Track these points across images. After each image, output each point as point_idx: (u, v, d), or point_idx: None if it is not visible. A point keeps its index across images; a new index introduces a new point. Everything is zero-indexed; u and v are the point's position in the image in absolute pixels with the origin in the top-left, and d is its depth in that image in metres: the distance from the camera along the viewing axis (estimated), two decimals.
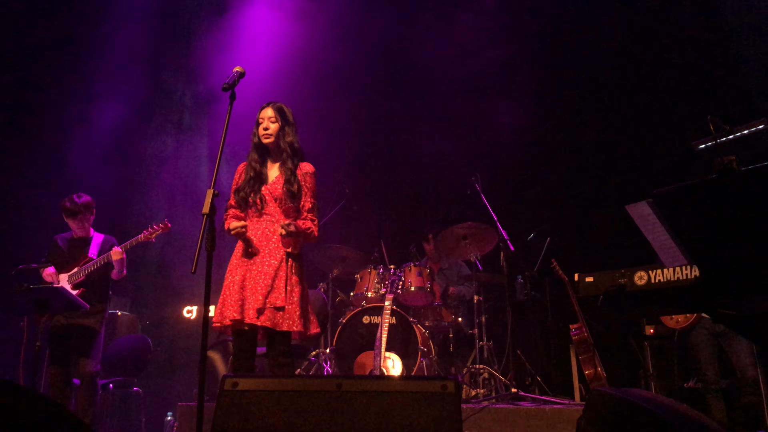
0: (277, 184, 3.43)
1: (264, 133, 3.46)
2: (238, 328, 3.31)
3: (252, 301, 3.23)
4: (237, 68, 3.11)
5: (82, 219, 4.77)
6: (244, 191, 3.43)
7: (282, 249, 3.35)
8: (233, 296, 3.26)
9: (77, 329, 4.60)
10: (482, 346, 5.51)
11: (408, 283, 5.56)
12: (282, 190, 3.39)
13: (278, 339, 3.27)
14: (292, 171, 3.44)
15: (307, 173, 3.50)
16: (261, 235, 3.38)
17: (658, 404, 2.13)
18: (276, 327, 3.21)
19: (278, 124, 3.47)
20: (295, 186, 3.41)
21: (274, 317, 3.22)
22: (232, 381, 1.79)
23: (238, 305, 3.23)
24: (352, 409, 1.73)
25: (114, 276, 4.74)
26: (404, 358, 5.06)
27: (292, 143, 3.48)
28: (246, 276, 3.30)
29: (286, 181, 3.41)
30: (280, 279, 3.29)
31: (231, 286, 3.31)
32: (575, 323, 5.40)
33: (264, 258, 3.33)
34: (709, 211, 1.97)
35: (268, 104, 3.52)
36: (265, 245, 3.35)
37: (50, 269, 4.69)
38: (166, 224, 4.72)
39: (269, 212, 3.41)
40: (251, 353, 3.37)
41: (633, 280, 2.48)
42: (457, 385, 1.76)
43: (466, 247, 5.82)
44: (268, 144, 3.48)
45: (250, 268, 3.32)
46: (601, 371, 5.10)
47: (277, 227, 3.35)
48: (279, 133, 3.47)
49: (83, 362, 4.56)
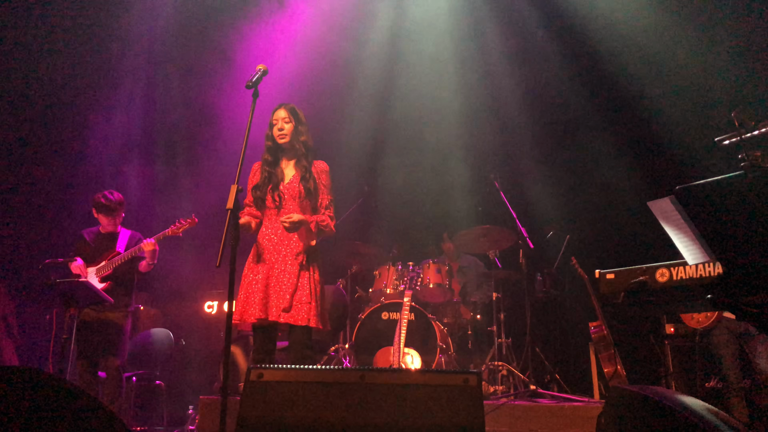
0: (294, 182, 3.52)
1: (279, 133, 3.54)
2: (261, 326, 3.38)
3: (276, 300, 3.31)
4: (260, 66, 3.15)
5: (114, 215, 4.87)
6: (261, 190, 3.51)
7: (302, 246, 3.42)
8: (257, 295, 3.32)
9: (104, 323, 4.69)
10: (501, 343, 5.51)
11: (427, 280, 5.59)
12: (299, 188, 3.48)
13: (300, 332, 3.34)
14: (307, 168, 3.54)
15: (322, 171, 3.60)
16: (280, 233, 3.44)
17: (679, 402, 2.12)
18: (300, 323, 3.29)
19: (292, 124, 3.57)
20: (312, 183, 3.50)
21: (300, 313, 3.29)
22: (257, 372, 1.83)
23: (263, 304, 3.30)
24: (375, 400, 1.76)
25: (142, 268, 4.82)
26: (423, 354, 5.08)
27: (305, 142, 3.58)
28: (269, 275, 3.36)
29: (302, 178, 3.51)
30: (304, 277, 3.37)
31: (253, 284, 3.36)
32: (594, 321, 5.38)
33: (286, 257, 3.39)
34: (733, 207, 1.96)
35: (280, 106, 3.62)
36: (286, 244, 3.42)
37: (78, 262, 4.79)
38: (193, 219, 4.78)
39: (287, 210, 3.47)
40: (272, 348, 3.44)
41: (654, 277, 2.48)
42: (479, 379, 1.77)
43: (485, 244, 5.83)
44: (283, 143, 3.56)
45: (273, 266, 3.38)
46: (621, 369, 5.08)
47: None
48: (293, 132, 3.56)
49: (110, 356, 4.65)
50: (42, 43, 6.87)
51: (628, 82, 6.73)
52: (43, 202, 6.90)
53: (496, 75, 7.16)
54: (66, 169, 7.06)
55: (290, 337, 3.38)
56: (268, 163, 3.57)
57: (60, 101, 7.08)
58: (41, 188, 6.93)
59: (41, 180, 6.94)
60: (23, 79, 6.85)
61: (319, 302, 3.39)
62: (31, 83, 6.91)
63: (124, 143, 7.28)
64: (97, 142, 7.15)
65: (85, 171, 6.96)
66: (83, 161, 7.05)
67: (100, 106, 7.24)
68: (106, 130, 7.22)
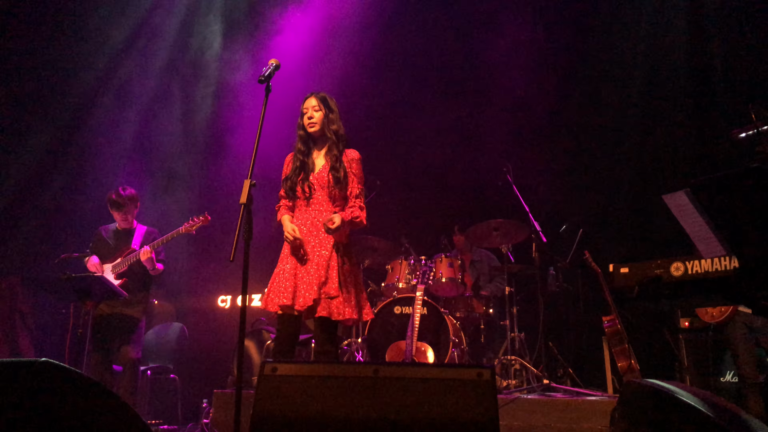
0: (323, 171, 3.47)
1: (309, 122, 3.50)
2: (284, 314, 3.35)
3: (304, 290, 3.27)
4: (272, 60, 3.13)
5: (126, 211, 4.90)
6: (292, 180, 3.47)
7: (332, 238, 3.38)
8: (285, 282, 3.31)
9: (120, 318, 4.74)
10: (514, 337, 5.50)
11: (439, 274, 5.58)
12: (328, 177, 3.43)
13: (325, 326, 3.30)
14: (338, 157, 3.48)
15: (353, 159, 3.54)
16: (310, 224, 3.42)
17: (693, 397, 2.11)
18: (330, 316, 3.25)
19: (322, 112, 3.51)
20: (342, 172, 3.44)
21: (329, 306, 3.26)
22: (271, 366, 1.84)
23: (290, 291, 3.27)
24: (389, 394, 1.76)
25: (150, 271, 4.85)
26: (436, 349, 5.09)
27: (336, 131, 3.53)
28: (297, 266, 3.34)
29: (331, 167, 3.45)
30: (333, 269, 3.32)
31: (282, 273, 3.35)
32: (608, 315, 5.35)
33: (315, 248, 3.36)
34: (749, 200, 1.94)
35: (311, 94, 3.57)
36: (315, 235, 3.39)
37: (94, 259, 4.83)
38: (206, 216, 4.80)
39: (317, 200, 3.44)
40: (294, 338, 3.39)
41: (669, 271, 2.46)
42: (492, 373, 1.77)
43: (497, 238, 5.82)
44: (314, 132, 3.52)
45: (302, 258, 3.36)
46: (635, 364, 5.05)
47: (326, 216, 3.37)
48: (324, 121, 3.51)
49: (125, 349, 4.70)
50: (63, 48, 6.96)
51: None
52: (59, 197, 6.97)
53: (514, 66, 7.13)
54: (82, 165, 7.12)
55: (314, 330, 3.36)
56: (301, 152, 3.53)
57: (78, 102, 7.15)
58: (58, 183, 6.99)
59: (58, 175, 7.01)
60: (36, 80, 6.94)
61: (353, 295, 3.35)
62: (45, 82, 6.98)
63: (138, 140, 7.33)
64: (111, 139, 7.22)
65: (101, 167, 7.01)
66: (98, 157, 7.11)
67: (115, 103, 7.30)
68: (121, 127, 7.28)
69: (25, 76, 6.86)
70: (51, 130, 6.99)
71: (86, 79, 7.13)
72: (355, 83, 7.19)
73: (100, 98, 7.24)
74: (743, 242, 2.07)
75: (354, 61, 7.32)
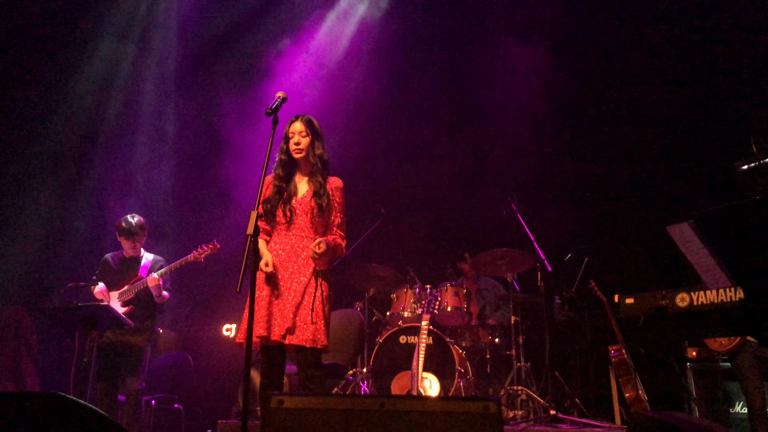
0: (307, 197, 3.41)
1: (295, 148, 3.42)
2: (265, 345, 3.27)
3: (280, 318, 3.21)
4: (279, 93, 3.18)
5: (135, 239, 4.94)
6: (272, 204, 3.39)
7: (311, 265, 3.31)
8: (260, 312, 3.22)
9: (125, 347, 4.74)
10: (520, 367, 5.47)
11: (444, 303, 5.57)
12: (311, 204, 3.37)
13: (308, 352, 3.22)
14: (322, 184, 3.42)
15: (337, 188, 3.49)
16: (289, 249, 3.35)
17: (703, 429, 2.09)
18: (305, 343, 3.17)
19: (309, 138, 3.43)
20: (325, 200, 3.38)
21: (304, 334, 3.18)
22: (277, 399, 1.84)
23: (265, 321, 3.20)
24: (395, 428, 1.76)
25: (156, 299, 4.86)
26: (441, 379, 5.05)
27: (321, 156, 3.46)
28: (274, 292, 3.27)
29: (314, 193, 3.39)
30: (309, 295, 3.26)
31: (258, 301, 3.24)
32: (614, 344, 5.31)
33: (293, 274, 3.30)
34: (753, 232, 1.95)
35: (296, 118, 3.48)
36: (294, 261, 3.32)
37: (101, 286, 4.85)
38: (215, 245, 4.82)
39: (298, 225, 3.38)
40: (280, 370, 3.33)
41: (675, 302, 2.46)
42: (499, 406, 1.77)
43: (503, 267, 5.82)
44: (299, 159, 3.45)
45: (278, 283, 3.28)
46: (642, 394, 5.00)
47: (306, 242, 3.33)
48: (309, 147, 3.44)
49: (129, 379, 4.69)
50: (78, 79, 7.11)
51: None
52: (66, 226, 7.01)
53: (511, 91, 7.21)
54: (90, 193, 7.18)
55: (297, 358, 3.27)
56: (280, 177, 3.45)
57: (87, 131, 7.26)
58: (65, 212, 7.05)
59: (66, 204, 7.07)
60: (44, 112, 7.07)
61: (324, 322, 3.26)
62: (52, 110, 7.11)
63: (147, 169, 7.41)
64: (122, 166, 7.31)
65: (109, 199, 7.08)
66: (106, 189, 7.18)
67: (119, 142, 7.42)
68: (128, 156, 7.37)
69: (37, 120, 7.01)
70: (59, 162, 7.09)
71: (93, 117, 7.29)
72: (361, 114, 7.27)
73: (107, 136, 7.36)
74: (748, 273, 2.08)
75: (361, 91, 7.41)
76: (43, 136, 7.03)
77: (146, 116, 7.56)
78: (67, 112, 7.15)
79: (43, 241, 6.86)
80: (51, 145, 7.06)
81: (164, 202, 7.32)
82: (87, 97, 7.24)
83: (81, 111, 7.22)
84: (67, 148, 7.14)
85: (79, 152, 7.23)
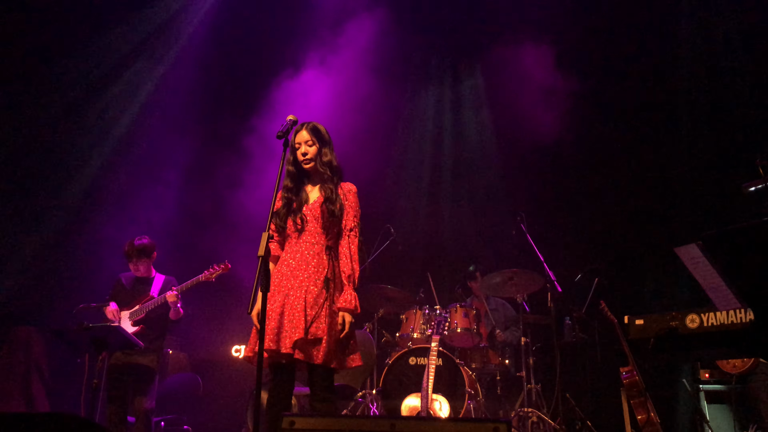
0: (317, 203, 3.29)
1: (304, 158, 3.32)
2: (275, 362, 3.14)
3: (290, 331, 3.02)
4: (290, 116, 3.20)
5: (142, 260, 4.98)
6: (281, 217, 3.27)
7: (322, 273, 3.18)
8: (270, 324, 3.03)
9: (134, 367, 4.77)
10: (530, 388, 5.43)
11: (454, 324, 5.56)
12: (321, 209, 3.25)
13: (320, 372, 3.10)
14: (333, 190, 3.30)
15: (350, 191, 3.37)
16: (300, 258, 3.21)
17: None
18: (312, 360, 3.03)
19: (316, 146, 3.32)
20: (338, 204, 3.27)
21: (316, 351, 3.04)
22: (289, 420, 1.85)
23: (274, 334, 3.02)
24: None
25: (172, 316, 4.90)
26: (451, 400, 5.02)
27: (330, 163, 3.34)
28: (285, 303, 3.09)
29: (326, 199, 3.27)
30: (323, 307, 3.11)
31: (268, 313, 3.04)
32: (626, 366, 5.27)
33: (302, 283, 3.14)
34: (760, 253, 1.96)
35: (301, 126, 3.35)
36: (304, 269, 3.18)
37: (113, 306, 4.90)
38: (227, 264, 4.86)
39: (309, 232, 3.25)
40: (289, 390, 3.19)
41: (685, 323, 2.46)
42: (509, 427, 1.77)
43: (513, 288, 5.81)
44: (308, 168, 3.34)
45: (289, 294, 3.12)
46: (654, 416, 4.95)
47: (317, 249, 3.21)
48: (317, 155, 3.32)
49: (139, 400, 4.70)
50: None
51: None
52: (76, 247, 7.08)
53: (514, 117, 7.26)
54: (100, 213, 7.26)
55: (309, 376, 3.13)
56: (289, 189, 3.34)
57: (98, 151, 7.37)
58: (75, 235, 7.12)
59: (76, 226, 7.14)
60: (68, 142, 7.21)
61: (335, 339, 3.10)
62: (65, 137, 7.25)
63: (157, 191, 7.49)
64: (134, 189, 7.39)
65: (119, 221, 7.15)
66: (116, 212, 7.26)
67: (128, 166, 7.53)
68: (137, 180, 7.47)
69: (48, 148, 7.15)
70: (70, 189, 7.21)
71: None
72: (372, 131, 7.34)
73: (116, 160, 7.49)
74: (757, 295, 2.08)
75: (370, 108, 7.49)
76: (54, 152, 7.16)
77: (157, 135, 7.66)
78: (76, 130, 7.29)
79: (50, 261, 6.93)
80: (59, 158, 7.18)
81: (173, 222, 7.36)
82: (100, 116, 7.36)
83: (93, 128, 7.34)
84: (75, 165, 7.26)
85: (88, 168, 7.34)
